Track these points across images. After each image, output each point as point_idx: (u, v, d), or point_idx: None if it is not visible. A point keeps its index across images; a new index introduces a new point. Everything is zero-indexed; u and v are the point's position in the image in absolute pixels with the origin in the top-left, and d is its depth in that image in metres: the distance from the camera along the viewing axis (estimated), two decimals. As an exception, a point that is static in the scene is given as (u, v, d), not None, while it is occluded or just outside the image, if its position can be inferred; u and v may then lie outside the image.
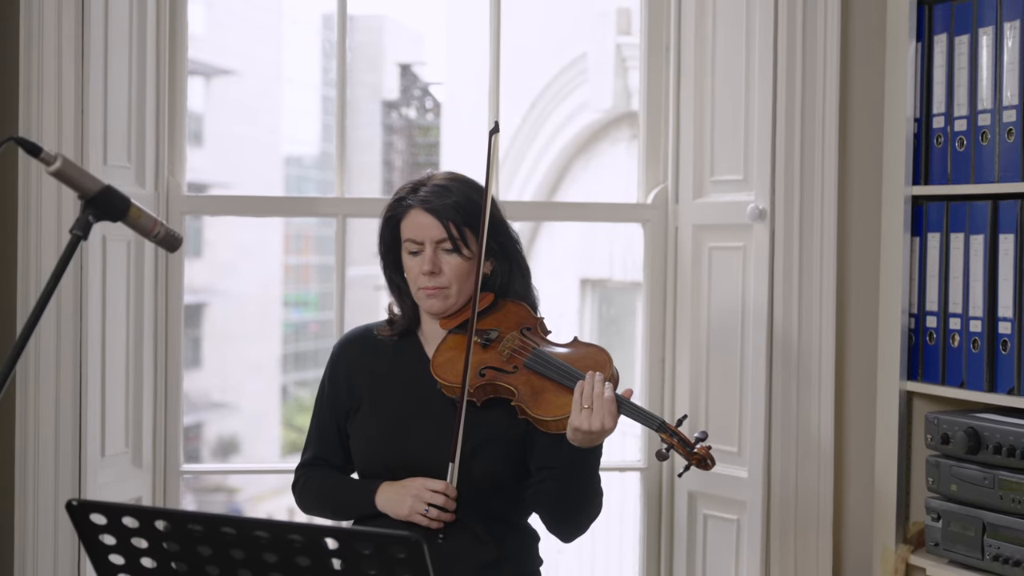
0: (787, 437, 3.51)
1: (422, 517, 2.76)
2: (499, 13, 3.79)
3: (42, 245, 3.30)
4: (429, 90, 24.96)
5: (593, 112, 8.28)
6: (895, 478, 3.47)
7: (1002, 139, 3.22)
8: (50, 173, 2.17)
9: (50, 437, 3.31)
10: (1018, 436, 3.07)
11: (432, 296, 2.85)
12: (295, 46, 31.59)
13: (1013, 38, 3.19)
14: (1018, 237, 3.17)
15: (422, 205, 2.83)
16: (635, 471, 3.87)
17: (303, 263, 31.79)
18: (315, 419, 3.02)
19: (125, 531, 2.17)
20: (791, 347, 3.51)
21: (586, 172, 8.61)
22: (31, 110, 3.29)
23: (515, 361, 2.80)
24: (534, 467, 2.83)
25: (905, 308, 3.46)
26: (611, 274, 8.19)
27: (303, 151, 32.96)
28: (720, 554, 3.66)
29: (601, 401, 2.64)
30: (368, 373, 2.93)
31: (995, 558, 3.12)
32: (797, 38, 3.49)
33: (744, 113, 3.60)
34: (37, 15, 3.29)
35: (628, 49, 7.78)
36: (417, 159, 24.63)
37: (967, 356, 3.30)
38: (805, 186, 3.50)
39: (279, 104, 29.92)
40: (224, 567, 2.15)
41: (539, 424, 2.75)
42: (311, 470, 3.00)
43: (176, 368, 3.64)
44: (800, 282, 3.51)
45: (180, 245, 2.35)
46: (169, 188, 3.60)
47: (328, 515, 2.97)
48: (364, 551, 2.09)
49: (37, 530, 3.33)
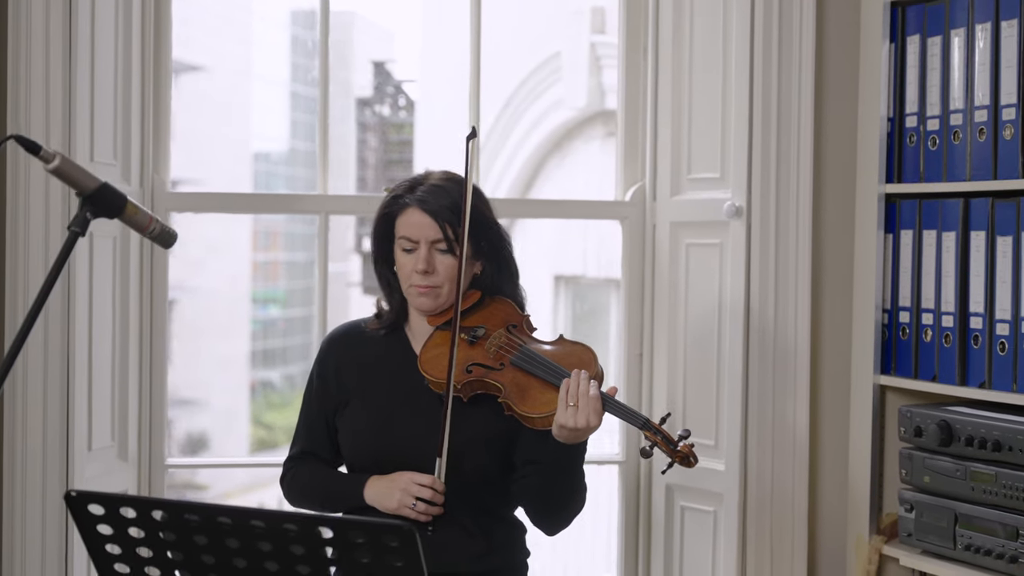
0: (763, 430, 3.58)
1: (410, 511, 2.81)
2: (479, 12, 3.84)
3: (30, 240, 3.34)
4: (402, 88, 24.96)
5: (567, 110, 8.35)
6: (868, 470, 3.54)
7: (974, 138, 3.29)
8: (49, 171, 2.22)
9: (38, 431, 3.34)
10: (989, 429, 3.15)
11: (424, 294, 2.89)
12: (264, 42, 31.54)
13: (984, 39, 3.26)
14: (989, 234, 3.25)
15: (419, 205, 2.88)
16: (614, 464, 3.93)
17: (272, 260, 31.74)
18: (303, 413, 3.06)
19: (122, 521, 2.22)
20: (767, 342, 3.58)
21: (560, 169, 8.69)
22: (19, 108, 3.32)
23: (502, 358, 2.85)
24: (519, 461, 2.88)
25: (878, 304, 3.53)
26: (584, 271, 8.26)
27: (272, 147, 32.90)
28: (697, 545, 3.73)
29: (587, 399, 2.69)
30: (356, 367, 2.98)
31: (967, 547, 3.20)
32: (773, 39, 3.56)
33: (721, 112, 3.66)
34: (25, 15, 3.33)
35: (602, 48, 7.85)
36: (391, 156, 24.64)
37: (939, 351, 3.37)
38: (781, 184, 3.57)
39: (248, 100, 29.86)
40: (219, 556, 2.20)
41: (525, 421, 2.80)
42: (299, 463, 3.05)
43: (161, 363, 3.68)
44: (776, 278, 3.58)
45: (174, 242, 2.40)
46: (154, 185, 3.64)
47: (316, 508, 3.00)
48: (357, 540, 2.14)
49: (25, 523, 3.36)
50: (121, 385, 3.55)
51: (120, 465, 3.56)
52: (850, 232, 3.63)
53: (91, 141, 3.39)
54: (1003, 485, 3.11)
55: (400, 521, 2.20)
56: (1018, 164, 3.18)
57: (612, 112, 7.82)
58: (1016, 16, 3.18)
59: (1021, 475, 3.07)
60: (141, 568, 2.26)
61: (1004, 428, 3.11)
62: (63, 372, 3.36)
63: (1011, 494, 3.09)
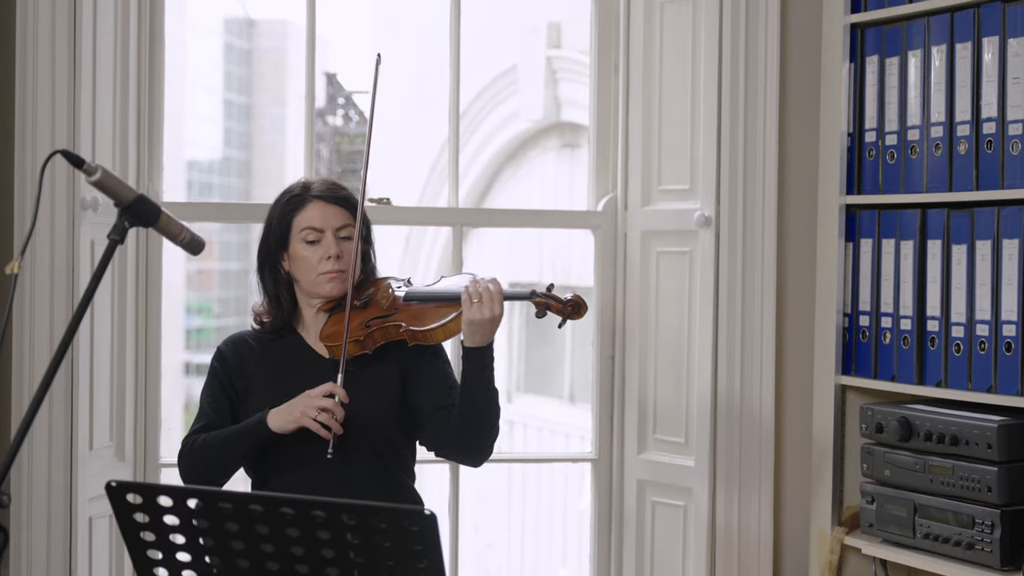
0: (731, 428, 3.78)
1: (313, 422, 2.95)
2: (459, 21, 4.02)
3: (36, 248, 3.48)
4: (353, 99, 25.05)
5: (523, 122, 8.54)
6: (831, 466, 3.75)
7: (930, 152, 3.51)
8: (91, 183, 2.36)
9: (44, 432, 3.48)
10: (947, 424, 3.36)
11: (334, 279, 3.11)
12: (197, 50, 31.50)
13: (940, 60, 3.48)
14: (945, 243, 3.47)
15: (321, 197, 3.14)
16: (587, 462, 4.12)
17: (204, 269, 31.68)
18: (206, 396, 3.15)
19: (158, 509, 2.36)
20: (734, 345, 3.78)
21: (515, 179, 8.86)
22: (27, 121, 3.48)
23: (395, 304, 3.11)
24: (431, 408, 3.09)
25: (840, 308, 3.74)
26: (540, 278, 8.45)
27: (204, 156, 32.86)
28: (668, 539, 3.92)
29: (489, 293, 2.97)
30: (253, 362, 3.15)
31: (925, 536, 3.41)
32: (740, 57, 3.77)
33: (690, 127, 3.86)
34: (32, 33, 3.47)
35: (558, 61, 8.04)
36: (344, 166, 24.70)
37: (898, 352, 3.59)
38: (747, 195, 3.78)
39: (181, 108, 29.82)
40: (249, 542, 2.34)
41: (427, 336, 3.04)
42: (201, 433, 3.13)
43: (156, 366, 3.82)
44: (743, 284, 3.78)
45: (202, 249, 2.56)
46: (149, 194, 3.77)
47: (216, 460, 3.04)
48: (380, 525, 2.29)
49: (32, 520, 3.50)
50: (119, 388, 3.69)
51: (118, 464, 3.70)
52: (813, 240, 3.84)
53: (93, 152, 3.54)
54: (960, 477, 3.33)
55: (421, 506, 2.34)
56: (972, 177, 3.40)
57: (568, 124, 8.01)
58: (970, 39, 3.41)
59: (976, 467, 3.29)
60: (173, 554, 2.40)
61: (961, 424, 3.33)
62: (67, 376, 3.50)
63: (967, 485, 3.30)
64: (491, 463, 3.22)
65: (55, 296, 3.50)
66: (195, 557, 2.40)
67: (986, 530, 3.26)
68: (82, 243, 3.53)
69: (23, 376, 3.49)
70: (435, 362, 3.16)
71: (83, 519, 3.56)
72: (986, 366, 3.35)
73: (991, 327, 3.34)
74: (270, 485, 3.05)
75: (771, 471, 3.81)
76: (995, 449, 3.25)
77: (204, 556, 2.39)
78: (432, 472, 3.76)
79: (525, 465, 8.74)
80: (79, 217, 3.53)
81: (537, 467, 8.57)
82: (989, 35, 3.36)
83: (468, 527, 9.07)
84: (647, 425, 3.95)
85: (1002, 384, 3.31)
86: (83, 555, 3.56)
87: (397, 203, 3.93)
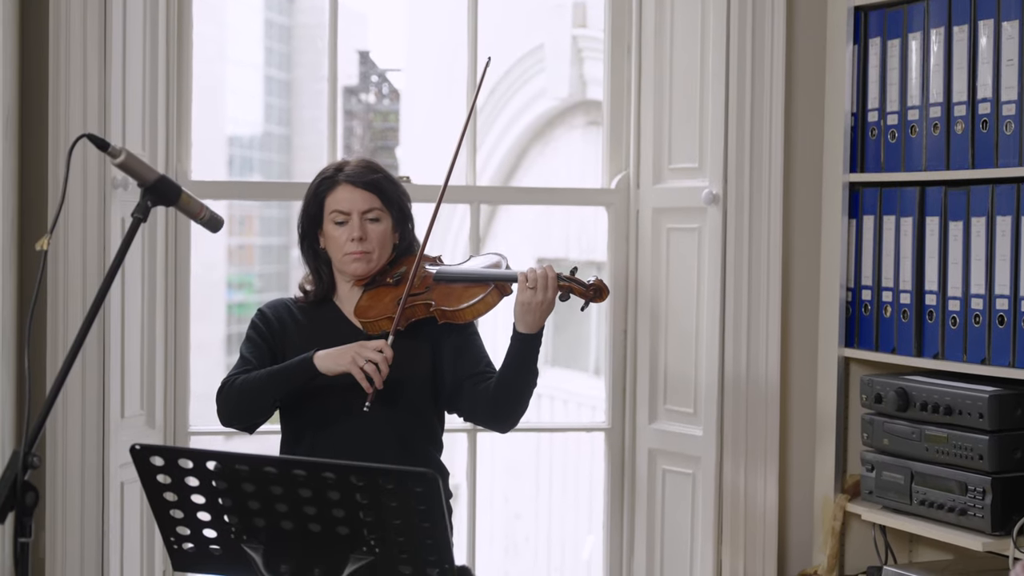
0: (738, 399, 3.92)
1: (360, 370, 3.08)
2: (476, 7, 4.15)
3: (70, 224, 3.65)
4: (387, 76, 25.20)
5: (550, 100, 8.66)
6: (834, 435, 3.88)
7: (928, 132, 3.63)
8: (115, 164, 2.52)
9: (78, 401, 3.66)
10: (942, 395, 3.49)
11: (358, 259, 3.26)
12: (237, 26, 31.66)
13: (939, 42, 3.59)
14: (942, 220, 3.58)
15: (349, 181, 3.28)
16: (600, 431, 4.26)
17: (246, 244, 31.91)
18: (246, 347, 3.28)
19: (180, 471, 2.52)
20: (741, 318, 3.91)
21: (543, 156, 8.99)
22: (59, 105, 3.64)
23: (426, 283, 3.25)
24: (464, 376, 3.25)
25: (843, 283, 3.87)
26: (567, 253, 8.59)
27: (246, 131, 33.05)
28: (677, 505, 4.06)
29: (546, 279, 3.14)
30: (292, 327, 3.30)
31: (922, 502, 3.54)
32: (747, 39, 3.89)
33: (699, 107, 3.98)
34: (64, 19, 3.63)
35: (583, 40, 8.16)
36: (376, 143, 24.90)
37: (898, 325, 3.71)
38: (754, 173, 3.90)
39: (221, 84, 30.02)
40: (264, 502, 2.49)
41: (457, 316, 3.19)
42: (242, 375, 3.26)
43: (184, 338, 3.98)
44: (750, 260, 3.91)
45: (221, 226, 2.71)
46: (178, 173, 3.94)
47: (256, 397, 3.16)
48: (387, 486, 2.43)
49: (66, 484, 3.67)
50: (149, 359, 3.86)
51: (148, 432, 3.86)
52: (817, 217, 3.97)
53: (123, 134, 3.70)
54: (954, 445, 3.45)
55: (424, 469, 2.47)
56: (968, 156, 3.51)
57: (593, 102, 8.12)
58: (967, 22, 3.52)
59: (969, 436, 3.41)
60: (194, 513, 2.56)
61: (955, 394, 3.45)
62: (100, 348, 3.67)
63: (961, 453, 3.43)
64: (514, 432, 3.37)
65: (87, 271, 3.66)
66: (214, 516, 2.55)
67: (978, 496, 3.38)
68: (113, 220, 3.69)
69: (58, 348, 3.65)
70: (465, 335, 3.30)
71: (115, 484, 3.73)
72: (980, 338, 3.47)
73: (985, 301, 3.46)
74: (304, 443, 3.22)
75: (776, 440, 3.94)
76: (986, 418, 3.37)
77: (223, 515, 2.55)
78: (457, 442, 3.93)
79: (552, 436, 8.89)
80: (110, 196, 3.69)
81: (563, 438, 8.72)
82: (984, 18, 3.47)
83: (499, 498, 9.24)
84: (658, 396, 4.09)
85: (995, 356, 3.43)
86: (115, 518, 3.73)
87: (417, 181, 4.06)
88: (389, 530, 2.46)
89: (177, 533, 2.59)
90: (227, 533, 2.56)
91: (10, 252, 3.60)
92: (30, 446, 2.33)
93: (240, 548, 2.55)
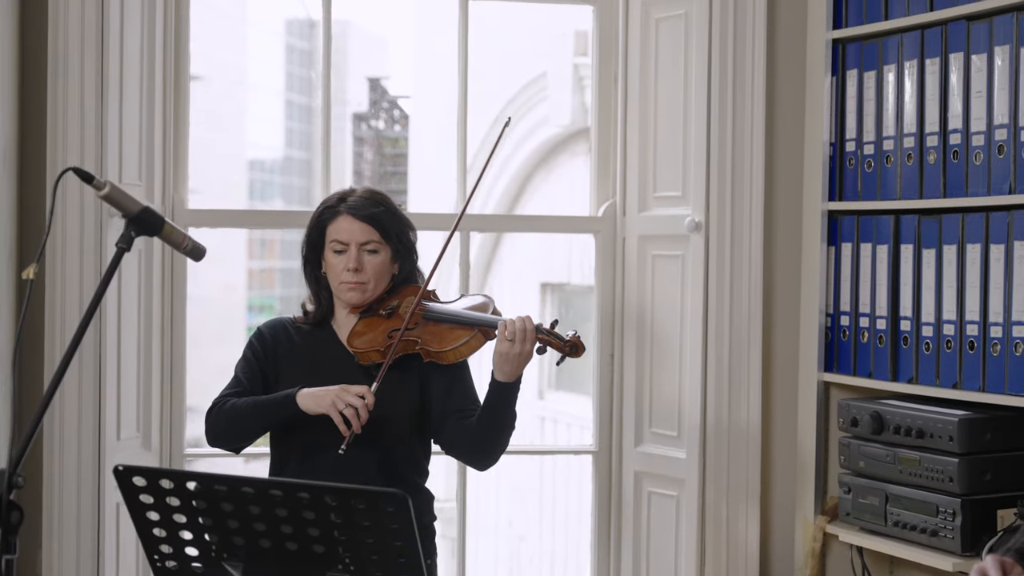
0: (720, 422, 4.00)
1: (338, 414, 3.16)
2: (467, 34, 4.24)
3: (67, 253, 3.76)
4: (397, 103, 25.37)
5: (553, 127, 8.78)
6: (814, 457, 3.96)
7: (903, 162, 3.71)
8: (100, 196, 2.62)
9: (74, 423, 3.76)
10: (914, 418, 3.57)
11: (353, 289, 3.36)
12: (259, 52, 31.85)
13: (911, 75, 3.68)
14: (916, 247, 3.67)
15: (350, 212, 3.37)
16: (587, 454, 4.35)
17: (267, 267, 32.07)
18: (241, 367, 3.38)
19: (161, 491, 2.60)
20: (723, 343, 4.00)
21: (547, 183, 9.10)
22: (57, 139, 3.75)
23: (415, 319, 3.34)
24: (450, 410, 3.33)
25: (822, 309, 3.95)
26: (569, 278, 8.69)
27: (266, 156, 33.21)
28: (662, 526, 4.13)
29: (524, 331, 3.21)
30: (288, 347, 3.40)
31: (896, 523, 3.62)
32: (728, 71, 3.98)
33: (683, 137, 4.08)
34: (63, 52, 3.75)
35: (585, 69, 8.26)
36: (386, 169, 25.05)
37: (874, 350, 3.79)
38: (736, 202, 3.99)
39: (243, 109, 30.22)
40: (243, 521, 2.57)
41: (440, 357, 3.29)
42: (235, 397, 3.35)
43: (181, 361, 4.08)
44: (732, 286, 4.00)
45: (204, 255, 2.81)
46: (174, 203, 4.04)
47: (240, 425, 3.26)
48: (359, 506, 2.51)
49: (63, 505, 3.77)
50: (145, 382, 3.96)
51: (144, 454, 3.96)
52: (797, 245, 4.06)
53: (120, 164, 3.81)
54: (926, 468, 3.53)
55: (396, 489, 2.54)
56: (940, 185, 3.60)
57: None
58: (938, 55, 3.61)
59: (940, 459, 3.49)
60: (176, 532, 2.64)
61: (926, 418, 3.53)
62: (96, 370, 3.77)
63: (932, 476, 3.51)
64: (505, 455, 3.44)
65: (84, 298, 3.76)
66: (195, 535, 2.63)
67: (948, 518, 3.46)
68: (109, 248, 3.79)
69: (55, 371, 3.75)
70: (453, 372, 3.37)
71: (111, 504, 3.82)
72: (952, 363, 3.55)
73: (956, 327, 3.54)
74: (289, 469, 3.32)
75: (758, 462, 4.02)
76: (956, 441, 3.45)
77: (203, 534, 2.62)
78: (452, 465, 4.02)
79: (555, 459, 8.97)
80: (106, 224, 3.80)
81: (566, 460, 8.80)
82: (955, 51, 3.56)
83: (503, 521, 9.32)
84: (643, 419, 4.17)
85: (966, 380, 3.51)
86: (111, 538, 3.83)
87: (425, 208, 4.15)
88: (363, 548, 2.53)
89: (160, 551, 2.67)
90: (208, 551, 2.63)
91: (7, 281, 3.71)
92: (15, 466, 2.43)
93: (221, 566, 2.63)
